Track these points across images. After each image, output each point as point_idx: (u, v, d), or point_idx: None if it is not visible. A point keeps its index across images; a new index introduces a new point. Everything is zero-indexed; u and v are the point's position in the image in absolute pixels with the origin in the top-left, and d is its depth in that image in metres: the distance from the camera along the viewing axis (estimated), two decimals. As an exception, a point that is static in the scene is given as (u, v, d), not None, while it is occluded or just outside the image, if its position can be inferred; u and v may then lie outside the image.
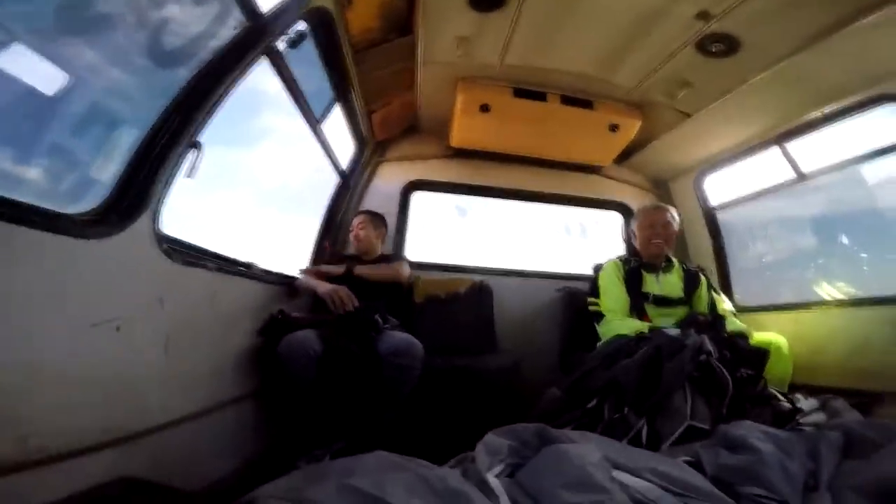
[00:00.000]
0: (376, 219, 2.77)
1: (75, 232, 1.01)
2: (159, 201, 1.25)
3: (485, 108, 2.74)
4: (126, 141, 1.23)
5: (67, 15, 1.11)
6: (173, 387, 1.39)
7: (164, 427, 1.33)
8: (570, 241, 3.93)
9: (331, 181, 2.93)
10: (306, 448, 1.86)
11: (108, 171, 1.19)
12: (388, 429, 1.98)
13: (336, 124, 2.61)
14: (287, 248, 2.95)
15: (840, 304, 2.42)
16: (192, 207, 1.37)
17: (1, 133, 1.09)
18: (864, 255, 2.65)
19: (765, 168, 2.86)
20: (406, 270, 2.62)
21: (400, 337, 2.04)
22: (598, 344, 2.22)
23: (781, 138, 2.65)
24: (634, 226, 2.55)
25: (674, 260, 2.49)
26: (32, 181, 1.17)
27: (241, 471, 1.71)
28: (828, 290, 2.63)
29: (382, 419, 1.99)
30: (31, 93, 1.09)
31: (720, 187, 3.25)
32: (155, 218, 1.25)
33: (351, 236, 2.73)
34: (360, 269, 2.47)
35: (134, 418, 1.22)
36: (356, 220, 2.75)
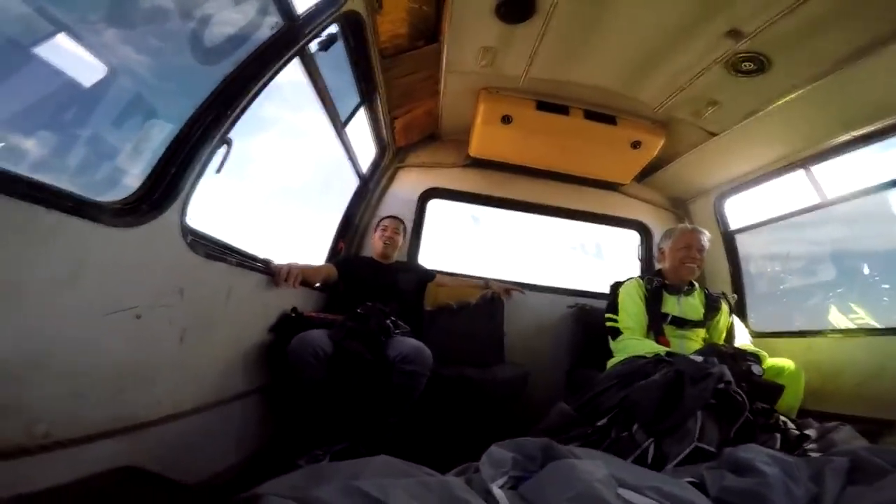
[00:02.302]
0: (405, 227, 2.87)
1: (104, 219, 1.03)
2: (188, 194, 1.27)
3: (506, 120, 2.76)
4: (160, 134, 1.27)
5: (112, 8, 1.15)
6: (185, 378, 1.40)
7: (172, 418, 1.33)
8: (585, 258, 3.91)
9: (348, 182, 2.97)
10: (307, 447, 1.86)
11: (141, 161, 1.23)
12: (391, 434, 1.97)
13: (359, 128, 2.65)
14: (299, 244, 2.99)
15: (855, 332, 2.38)
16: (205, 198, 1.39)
17: (39, 119, 1.13)
18: (885, 285, 2.58)
19: (785, 193, 2.81)
20: None
21: (410, 343, 2.03)
22: (610, 362, 2.19)
23: (808, 161, 2.60)
24: (666, 245, 2.47)
25: (696, 283, 2.45)
26: (66, 167, 1.21)
27: (242, 465, 1.72)
28: (844, 319, 2.57)
29: (386, 424, 1.98)
30: (72, 83, 1.13)
31: (740, 210, 3.20)
32: (183, 210, 1.27)
33: (382, 236, 2.75)
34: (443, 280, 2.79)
35: (143, 408, 1.22)
36: (390, 223, 2.80)
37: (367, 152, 2.97)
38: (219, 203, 1.77)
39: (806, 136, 2.49)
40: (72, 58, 1.07)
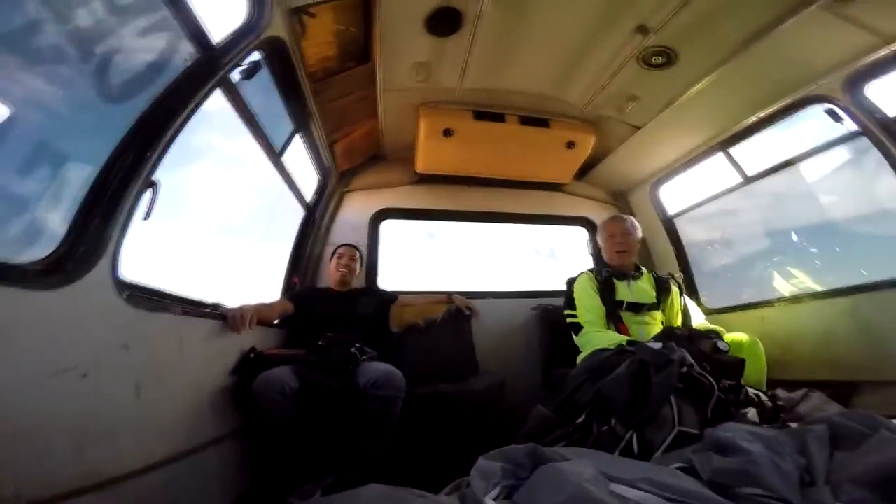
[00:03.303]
0: (360, 254, 2.83)
1: (27, 283, 0.97)
2: (117, 246, 1.20)
3: (447, 133, 2.80)
4: (76, 181, 1.15)
5: (6, 42, 1.05)
6: (150, 430, 1.36)
7: (146, 470, 1.30)
8: (540, 260, 4.00)
9: (294, 211, 2.87)
10: (295, 484, 1.80)
11: (58, 214, 1.11)
12: (376, 460, 1.93)
13: (298, 155, 2.58)
14: (252, 280, 2.86)
15: (801, 298, 2.53)
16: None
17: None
18: (813, 250, 2.81)
19: (717, 175, 3.01)
20: None
21: (379, 368, 1.99)
22: (579, 357, 2.23)
23: (725, 144, 2.82)
24: (600, 238, 2.62)
25: (643, 269, 2.56)
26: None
27: None
28: (786, 287, 2.76)
29: (370, 451, 1.93)
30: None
31: (678, 195, 3.40)
32: (114, 264, 1.19)
33: (338, 265, 2.69)
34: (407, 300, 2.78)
35: (112, 463, 1.20)
36: (345, 251, 2.75)
37: (309, 180, 2.89)
38: (156, 247, 1.67)
39: (719, 121, 2.70)
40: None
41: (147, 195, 1.28)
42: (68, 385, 1.07)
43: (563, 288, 2.62)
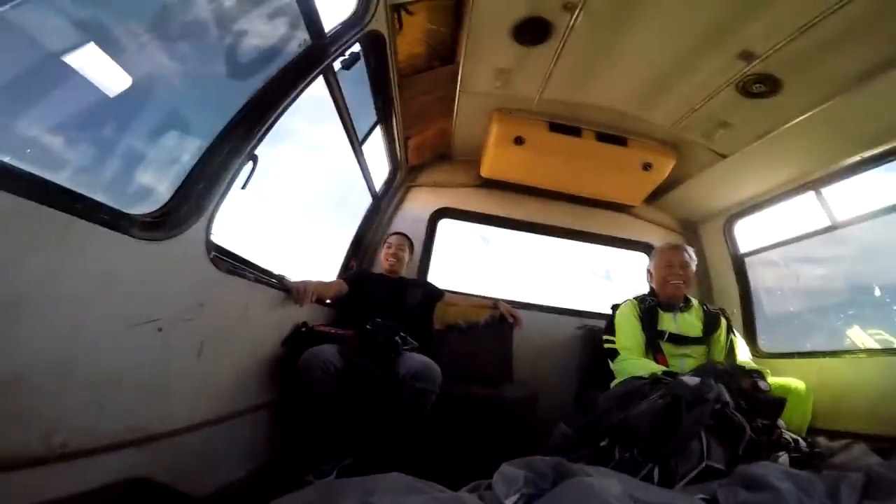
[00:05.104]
0: (410, 243, 2.87)
1: (134, 232, 1.04)
2: (214, 210, 1.28)
3: (519, 141, 2.79)
4: (191, 148, 1.28)
5: (146, 22, 1.18)
6: (200, 391, 1.42)
7: (185, 430, 1.34)
8: (594, 281, 3.90)
9: (362, 198, 3.00)
10: (314, 463, 1.85)
11: (169, 175, 1.24)
12: (399, 450, 1.96)
13: (374, 146, 2.69)
14: (312, 257, 3.00)
15: (868, 352, 2.32)
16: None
17: (71, 130, 1.15)
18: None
19: (796, 216, 2.80)
20: None
21: (419, 360, 2.03)
22: (612, 383, 2.18)
23: (818, 183, 2.59)
24: (651, 265, 2.49)
25: (693, 300, 2.44)
26: (95, 178, 1.23)
27: (249, 479, 1.72)
28: (858, 339, 2.54)
29: (394, 440, 1.97)
30: (105, 97, 1.16)
31: (751, 233, 3.19)
32: (208, 226, 1.28)
33: (387, 254, 2.77)
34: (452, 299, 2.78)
35: (158, 420, 1.23)
36: (394, 240, 2.82)
37: (380, 171, 3.00)
38: (237, 216, 1.80)
39: (816, 158, 2.49)
40: (105, 69, 1.10)
41: (247, 167, 1.38)
42: (145, 337, 1.11)
43: (611, 311, 2.55)
